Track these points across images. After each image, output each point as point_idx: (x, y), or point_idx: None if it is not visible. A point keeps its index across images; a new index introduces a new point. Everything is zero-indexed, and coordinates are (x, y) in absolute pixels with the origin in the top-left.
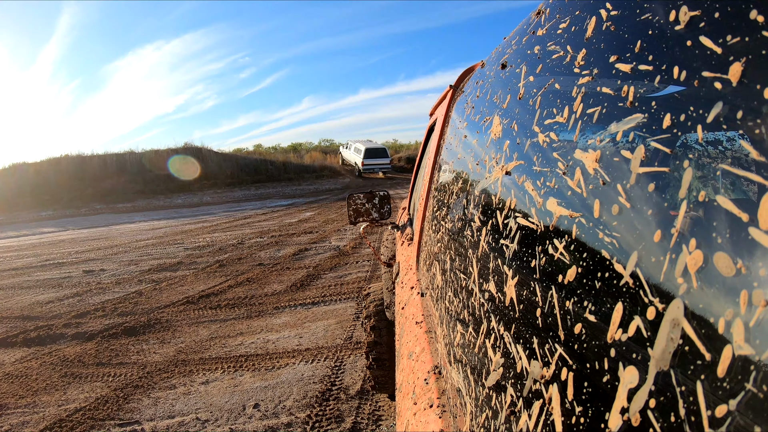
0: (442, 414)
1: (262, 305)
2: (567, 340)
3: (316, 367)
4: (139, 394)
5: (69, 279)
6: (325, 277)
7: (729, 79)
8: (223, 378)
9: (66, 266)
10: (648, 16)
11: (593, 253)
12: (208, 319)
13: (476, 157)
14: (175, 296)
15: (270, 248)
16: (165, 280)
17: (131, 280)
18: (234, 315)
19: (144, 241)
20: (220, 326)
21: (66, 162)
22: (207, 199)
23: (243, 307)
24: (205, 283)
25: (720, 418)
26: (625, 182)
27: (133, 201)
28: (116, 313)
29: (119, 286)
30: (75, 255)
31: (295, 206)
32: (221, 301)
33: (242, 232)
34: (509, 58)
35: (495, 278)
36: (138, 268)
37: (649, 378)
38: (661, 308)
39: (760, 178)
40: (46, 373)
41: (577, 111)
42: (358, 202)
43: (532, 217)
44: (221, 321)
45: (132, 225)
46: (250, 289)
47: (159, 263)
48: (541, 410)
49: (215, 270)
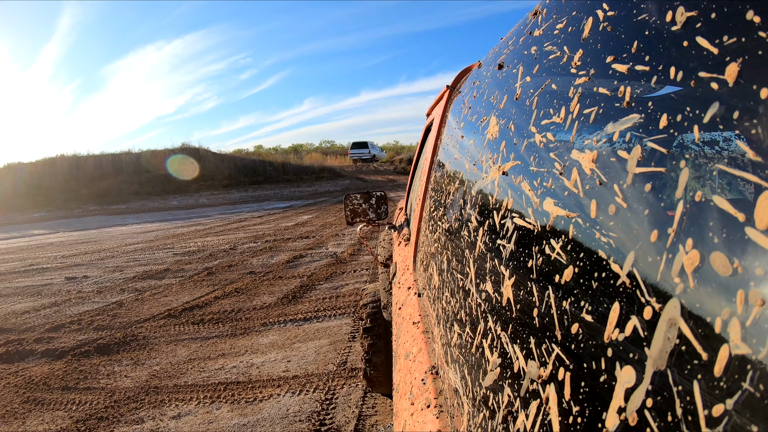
0: (440, 414)
1: (249, 321)
2: (564, 340)
3: (304, 400)
4: (102, 429)
5: (50, 286)
6: (319, 288)
7: (725, 79)
8: (198, 411)
9: (49, 272)
10: (645, 16)
11: (590, 253)
12: (188, 337)
13: (473, 158)
14: (156, 308)
15: (263, 254)
16: (149, 289)
17: (113, 288)
18: (217, 332)
19: (133, 245)
20: (201, 345)
21: (61, 162)
22: (203, 200)
23: (228, 322)
24: (191, 293)
25: (717, 418)
26: (621, 182)
27: (127, 202)
28: (92, 327)
29: (100, 295)
30: (60, 260)
31: (292, 209)
32: (205, 315)
33: (236, 236)
34: (506, 58)
35: (492, 278)
36: (122, 276)
37: (646, 378)
38: (658, 308)
39: (756, 177)
40: (8, 396)
41: (574, 111)
42: (354, 203)
43: (529, 218)
44: (202, 339)
45: (124, 227)
46: (238, 301)
47: (145, 270)
48: (538, 410)
49: (203, 278)
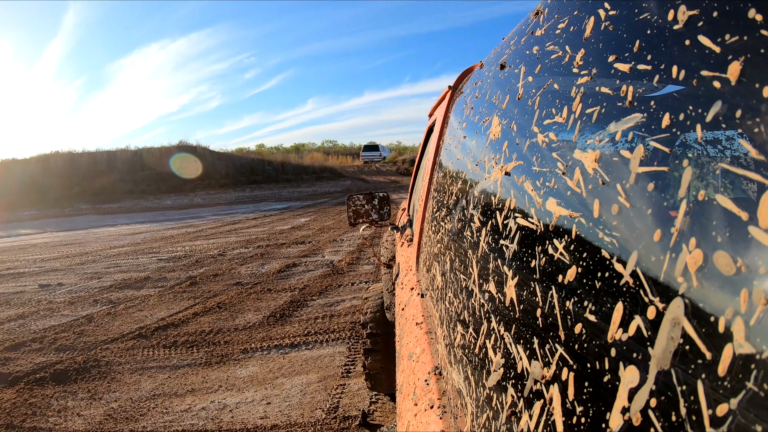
0: (443, 415)
1: (228, 345)
2: (567, 340)
3: None
4: None
5: (21, 295)
6: (311, 304)
7: (728, 78)
8: None
9: (24, 277)
10: (646, 15)
11: (593, 253)
12: (156, 365)
13: (475, 158)
14: (127, 325)
15: (253, 262)
16: (124, 301)
17: (86, 299)
18: (190, 359)
19: (118, 249)
20: (169, 377)
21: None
22: (198, 200)
23: (204, 346)
24: (168, 307)
25: (721, 417)
26: (624, 182)
27: (120, 201)
28: (54, 347)
29: (71, 307)
30: (39, 263)
31: (289, 210)
32: (179, 337)
33: (227, 240)
34: (508, 58)
35: (495, 279)
36: (99, 284)
37: (649, 377)
38: (662, 307)
39: (759, 176)
40: None
41: (576, 111)
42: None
43: (532, 218)
44: (172, 368)
45: (112, 228)
46: (219, 320)
47: (124, 278)
48: (542, 410)
49: (184, 289)
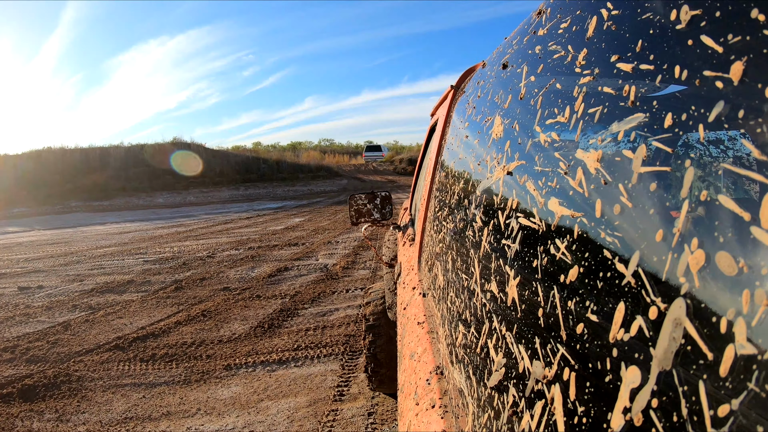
0: (444, 414)
1: (210, 360)
2: (569, 340)
3: None
4: None
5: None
6: (303, 314)
7: (730, 78)
8: None
9: (5, 279)
10: (649, 15)
11: (595, 253)
12: (131, 381)
13: (477, 158)
14: (105, 335)
15: (243, 265)
16: (104, 306)
17: (65, 304)
18: (168, 376)
19: (104, 249)
20: (144, 396)
21: (47, 155)
22: (190, 198)
23: (184, 361)
24: (150, 315)
25: (722, 418)
26: (626, 182)
27: (112, 199)
28: (25, 358)
29: (48, 312)
30: (22, 264)
31: (284, 210)
32: (159, 349)
33: (217, 240)
34: (510, 58)
35: (497, 278)
36: (80, 287)
37: (651, 378)
38: (663, 308)
39: (761, 177)
40: None
41: (579, 111)
42: (359, 203)
43: (534, 217)
44: (148, 386)
45: (101, 227)
46: (202, 330)
47: (107, 281)
48: (543, 410)
49: (168, 295)
